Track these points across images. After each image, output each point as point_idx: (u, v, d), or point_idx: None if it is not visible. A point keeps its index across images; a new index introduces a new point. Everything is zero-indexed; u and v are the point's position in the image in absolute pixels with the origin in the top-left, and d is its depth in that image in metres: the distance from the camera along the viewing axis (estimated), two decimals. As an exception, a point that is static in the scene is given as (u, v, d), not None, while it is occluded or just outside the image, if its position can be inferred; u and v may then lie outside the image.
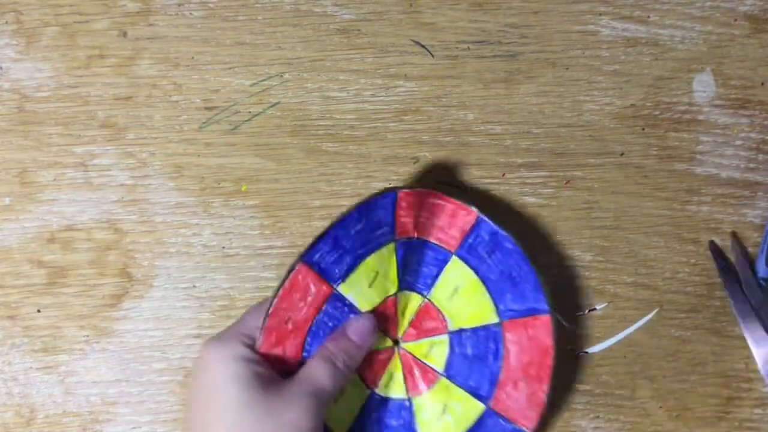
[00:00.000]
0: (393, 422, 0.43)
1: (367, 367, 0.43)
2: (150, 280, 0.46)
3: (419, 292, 0.44)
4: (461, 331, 0.43)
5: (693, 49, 0.48)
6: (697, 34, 0.48)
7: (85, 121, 0.46)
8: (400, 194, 0.42)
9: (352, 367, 0.41)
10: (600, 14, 0.48)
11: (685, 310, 0.48)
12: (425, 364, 0.43)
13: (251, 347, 0.39)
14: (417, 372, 0.43)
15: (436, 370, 0.43)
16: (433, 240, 0.43)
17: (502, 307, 0.43)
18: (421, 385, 0.43)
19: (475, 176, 0.47)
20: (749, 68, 0.48)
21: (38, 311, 0.46)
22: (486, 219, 0.43)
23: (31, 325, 0.46)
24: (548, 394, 0.43)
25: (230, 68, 0.47)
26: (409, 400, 0.43)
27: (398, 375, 0.43)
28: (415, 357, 0.43)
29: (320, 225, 0.47)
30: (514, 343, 0.43)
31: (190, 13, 0.46)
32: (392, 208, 0.42)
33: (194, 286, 0.46)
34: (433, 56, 0.47)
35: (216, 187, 0.46)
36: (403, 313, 0.43)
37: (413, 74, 0.47)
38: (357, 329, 0.41)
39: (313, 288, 0.40)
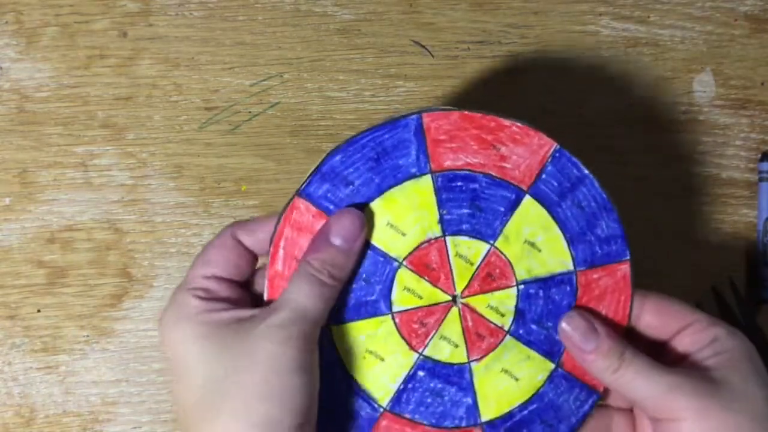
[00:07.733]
0: (447, 390, 0.38)
1: (412, 327, 0.38)
2: (150, 280, 0.46)
3: (483, 239, 0.38)
4: (532, 281, 0.38)
5: (693, 49, 0.48)
6: (697, 34, 0.48)
7: (85, 121, 0.46)
8: (427, 118, 0.36)
9: (341, 279, 0.34)
10: (600, 14, 0.48)
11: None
12: (489, 321, 0.38)
13: (205, 298, 0.34)
14: (479, 331, 0.38)
15: (501, 328, 0.38)
16: (497, 175, 0.38)
17: (578, 253, 0.38)
18: (483, 347, 0.38)
19: (475, 176, 0.47)
20: (749, 68, 0.48)
21: (38, 311, 0.46)
22: (564, 151, 0.38)
23: (31, 325, 0.46)
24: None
25: (230, 68, 0.47)
26: (468, 364, 0.38)
27: (454, 335, 0.38)
28: (477, 314, 0.38)
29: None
30: (588, 295, 0.38)
31: (190, 13, 0.46)
32: (420, 136, 0.37)
33: (194, 286, 0.46)
34: (433, 56, 0.47)
35: (216, 187, 0.46)
36: (459, 264, 0.38)
37: (413, 74, 0.47)
38: (340, 230, 0.34)
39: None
